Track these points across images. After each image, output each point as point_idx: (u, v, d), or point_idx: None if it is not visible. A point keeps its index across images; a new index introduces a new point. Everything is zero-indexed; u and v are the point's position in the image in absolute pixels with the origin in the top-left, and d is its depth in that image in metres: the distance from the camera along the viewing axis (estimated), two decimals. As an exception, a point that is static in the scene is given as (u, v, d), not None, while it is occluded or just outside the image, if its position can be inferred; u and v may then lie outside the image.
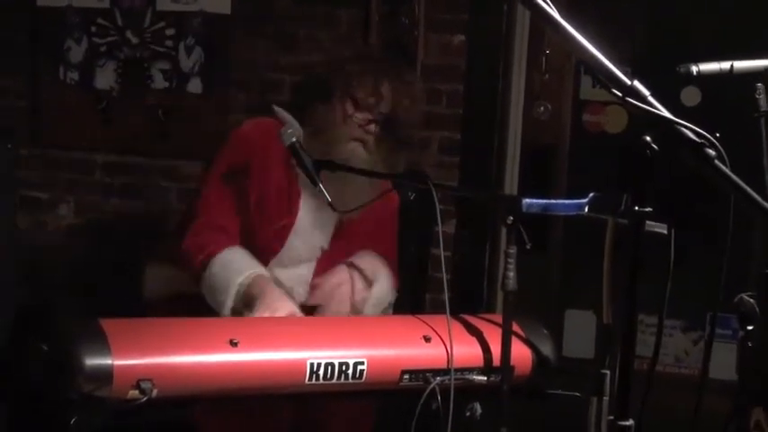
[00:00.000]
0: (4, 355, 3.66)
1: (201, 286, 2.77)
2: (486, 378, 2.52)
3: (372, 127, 2.89)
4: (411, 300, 3.58)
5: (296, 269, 2.95)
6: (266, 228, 2.89)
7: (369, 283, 2.92)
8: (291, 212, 2.90)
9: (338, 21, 4.24)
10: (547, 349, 2.63)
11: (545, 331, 2.68)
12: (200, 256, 2.77)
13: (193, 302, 2.77)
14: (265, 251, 2.89)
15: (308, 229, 2.93)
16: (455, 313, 2.63)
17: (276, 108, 2.96)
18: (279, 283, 2.83)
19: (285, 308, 2.68)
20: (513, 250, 2.45)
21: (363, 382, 2.41)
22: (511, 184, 4.16)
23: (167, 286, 2.95)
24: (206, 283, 2.76)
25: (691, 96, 3.94)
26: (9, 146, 4.06)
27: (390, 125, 2.91)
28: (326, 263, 2.97)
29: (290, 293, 2.83)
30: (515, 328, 2.53)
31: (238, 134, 2.96)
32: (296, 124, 2.82)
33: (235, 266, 2.75)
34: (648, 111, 1.65)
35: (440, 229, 2.71)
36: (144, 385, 2.18)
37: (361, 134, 2.89)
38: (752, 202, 1.60)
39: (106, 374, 2.16)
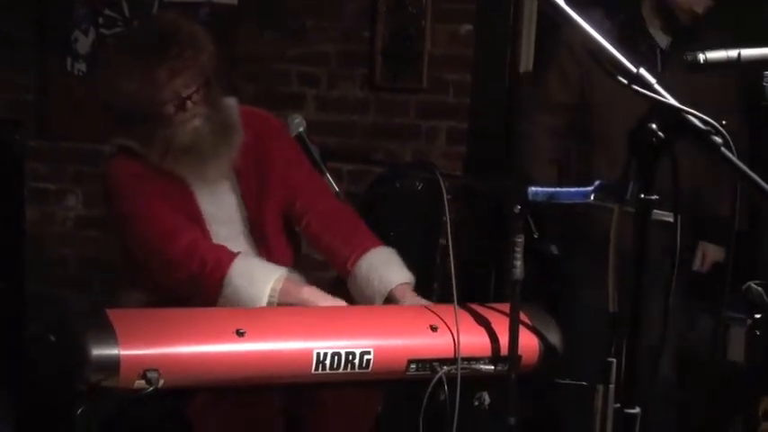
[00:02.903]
0: (12, 345, 3.70)
1: (219, 303, 2.70)
2: (493, 367, 2.51)
3: (189, 103, 2.78)
4: (418, 289, 3.58)
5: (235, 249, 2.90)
6: None
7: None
8: (193, 206, 2.86)
9: (345, 11, 4.25)
10: (554, 338, 2.62)
11: (552, 320, 2.66)
12: (212, 274, 2.69)
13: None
14: None
15: (218, 210, 2.90)
16: (462, 302, 2.62)
17: (117, 142, 2.87)
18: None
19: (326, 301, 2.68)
20: (520, 239, 2.44)
21: (370, 371, 2.40)
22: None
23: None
24: (227, 300, 2.69)
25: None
26: (17, 138, 4.08)
27: (205, 81, 2.82)
28: (262, 221, 2.93)
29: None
30: (523, 317, 2.52)
31: (114, 172, 2.86)
32: (299, 116, 2.80)
33: (257, 276, 2.69)
34: (654, 98, 1.65)
35: (447, 218, 2.70)
36: (150, 375, 2.18)
37: (188, 114, 2.78)
38: (759, 190, 1.59)
39: (113, 364, 2.16)
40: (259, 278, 2.68)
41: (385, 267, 2.85)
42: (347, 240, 2.91)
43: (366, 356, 2.39)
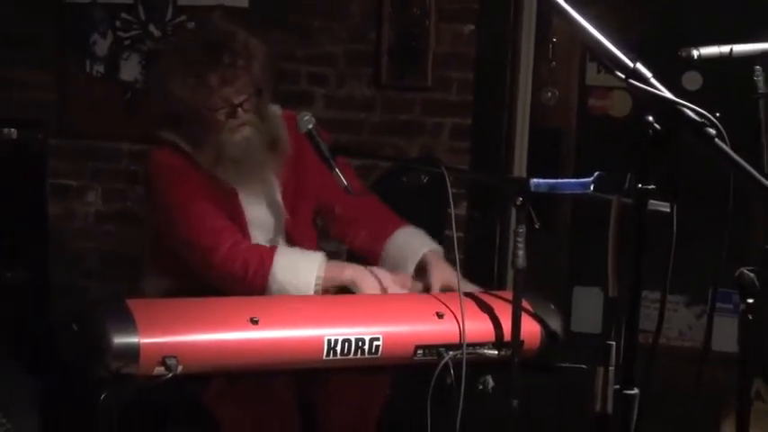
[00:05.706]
0: (37, 333, 3.75)
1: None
2: (497, 352, 2.56)
3: (240, 111, 2.81)
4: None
5: None
6: None
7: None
8: (237, 209, 2.89)
9: (351, 12, 4.30)
10: (555, 324, 2.67)
11: (553, 307, 2.72)
12: (255, 276, 2.71)
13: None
14: None
15: (261, 214, 2.93)
16: (466, 291, 2.68)
17: (162, 135, 2.87)
18: None
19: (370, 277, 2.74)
20: (522, 230, 2.48)
21: (379, 357, 2.45)
22: (519, 167, 4.23)
23: (166, 294, 2.87)
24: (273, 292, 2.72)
25: (692, 81, 4.02)
26: (39, 136, 4.16)
27: (256, 90, 2.84)
28: (297, 222, 2.98)
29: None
30: (525, 304, 2.57)
31: (160, 161, 2.87)
32: (309, 114, 2.83)
33: (301, 267, 2.72)
34: (650, 92, 1.67)
35: (452, 211, 2.75)
36: (169, 362, 2.24)
37: (238, 122, 2.82)
38: (751, 180, 1.64)
39: (133, 352, 2.22)
40: (302, 269, 2.70)
41: (408, 245, 2.90)
42: (374, 234, 2.98)
43: (375, 343, 2.44)
